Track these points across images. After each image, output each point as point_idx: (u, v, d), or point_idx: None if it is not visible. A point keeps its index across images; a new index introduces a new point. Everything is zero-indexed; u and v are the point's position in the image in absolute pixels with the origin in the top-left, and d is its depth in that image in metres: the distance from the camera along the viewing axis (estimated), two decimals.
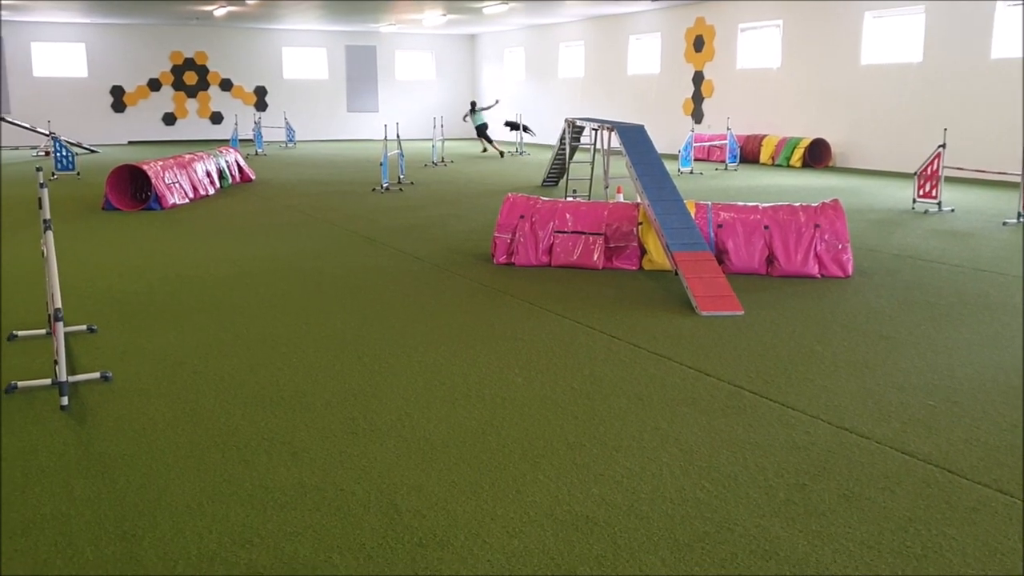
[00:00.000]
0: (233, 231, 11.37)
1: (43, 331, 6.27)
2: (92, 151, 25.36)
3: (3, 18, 27.78)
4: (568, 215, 8.87)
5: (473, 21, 30.05)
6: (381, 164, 16.43)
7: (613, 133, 11.06)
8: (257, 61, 32.98)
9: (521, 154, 25.60)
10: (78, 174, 18.44)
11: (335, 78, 34.38)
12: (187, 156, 15.51)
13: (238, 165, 17.42)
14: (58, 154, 18.32)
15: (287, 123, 29.92)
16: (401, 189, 16.21)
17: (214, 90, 32.43)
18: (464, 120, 26.98)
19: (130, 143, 30.44)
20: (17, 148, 26.76)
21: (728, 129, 20.55)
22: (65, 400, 4.84)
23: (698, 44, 24.66)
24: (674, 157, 19.34)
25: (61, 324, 4.88)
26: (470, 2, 24.42)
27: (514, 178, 18.46)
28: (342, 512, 3.65)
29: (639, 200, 8.96)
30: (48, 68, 29.97)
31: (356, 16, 28.82)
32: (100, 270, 8.77)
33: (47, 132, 22.14)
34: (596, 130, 13.22)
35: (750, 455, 4.24)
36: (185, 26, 31.01)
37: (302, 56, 33.84)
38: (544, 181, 16.69)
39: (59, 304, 4.89)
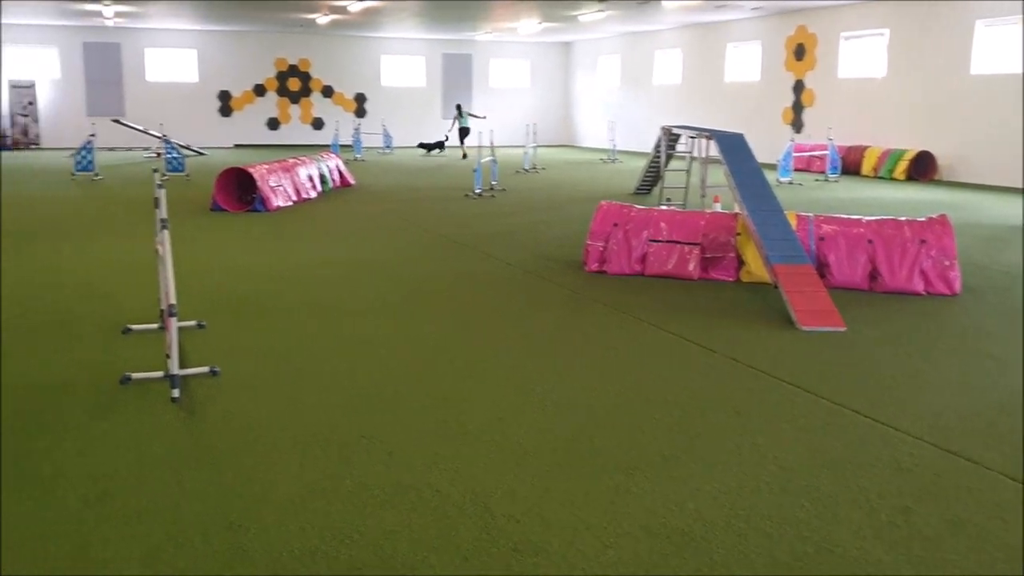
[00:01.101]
0: (333, 234, 11.65)
1: (155, 325, 6.54)
2: (200, 153, 26.32)
3: (121, 25, 29.08)
4: (663, 224, 8.80)
5: (568, 29, 30.10)
6: (475, 170, 16.61)
7: (711, 141, 10.93)
8: (357, 68, 33.71)
9: (613, 161, 25.51)
10: (187, 176, 19.17)
11: (431, 85, 34.88)
12: (291, 160, 15.97)
13: (339, 170, 17.84)
14: (169, 156, 19.07)
15: (384, 130, 30.48)
16: (493, 195, 16.34)
17: (316, 96, 33.28)
18: (453, 122, 28.24)
19: (235, 146, 31.48)
20: (131, 149, 27.96)
21: (829, 139, 20.06)
22: (176, 392, 5.04)
23: (799, 53, 24.16)
24: (772, 167, 18.98)
25: (175, 320, 5.09)
26: (566, 10, 24.47)
27: (606, 185, 18.41)
28: (438, 513, 3.70)
29: (737, 210, 8.84)
30: (161, 73, 31.25)
31: (454, 25, 29.20)
32: (208, 268, 9.10)
33: (159, 135, 23.08)
34: (693, 138, 13.08)
35: (851, 476, 4.13)
36: (290, 33, 31.92)
37: (400, 64, 34.44)
38: (637, 189, 16.60)
39: (173, 300, 5.10)
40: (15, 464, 4.14)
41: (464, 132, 27.84)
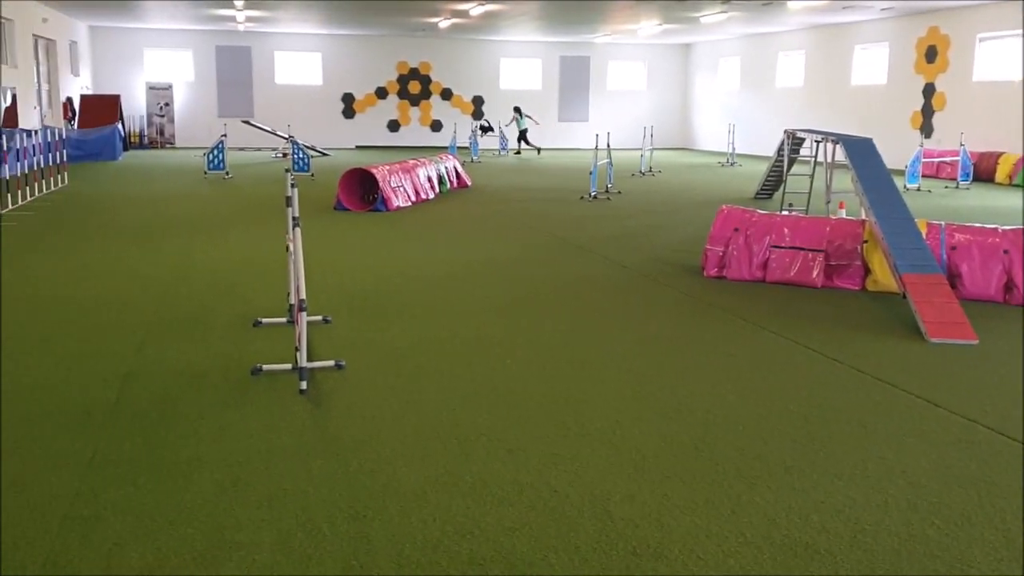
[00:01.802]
0: (450, 234, 11.85)
1: (283, 319, 6.81)
2: (324, 154, 27.18)
3: (251, 29, 30.31)
4: (786, 230, 8.60)
5: (689, 30, 29.73)
6: (590, 173, 16.59)
7: (838, 146, 10.61)
8: (476, 71, 34.16)
9: (732, 165, 25.06)
10: (312, 175, 19.82)
11: (548, 88, 35.03)
12: (411, 161, 16.32)
13: (456, 171, 18.12)
14: (295, 156, 19.77)
15: (501, 132, 30.77)
16: (609, 198, 16.29)
17: (435, 99, 33.90)
18: (511, 122, 30.25)
19: (357, 147, 32.36)
20: (259, 149, 29.10)
21: (961, 145, 19.17)
22: (304, 384, 5.23)
23: (930, 55, 23.18)
24: (899, 173, 18.27)
25: (304, 314, 5.28)
26: (688, 11, 24.18)
27: (724, 190, 18.10)
28: (557, 513, 3.73)
29: (864, 217, 8.55)
30: (288, 76, 32.41)
31: (573, 27, 29.25)
32: (332, 266, 9.39)
33: (286, 136, 23.94)
34: (819, 142, 12.72)
35: (985, 494, 3.95)
36: (412, 37, 32.60)
37: (518, 67, 34.70)
38: (757, 193, 16.25)
39: (303, 295, 5.29)
40: (154, 448, 4.38)
41: (523, 133, 29.76)
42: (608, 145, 18.28)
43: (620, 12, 25.19)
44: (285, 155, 25.32)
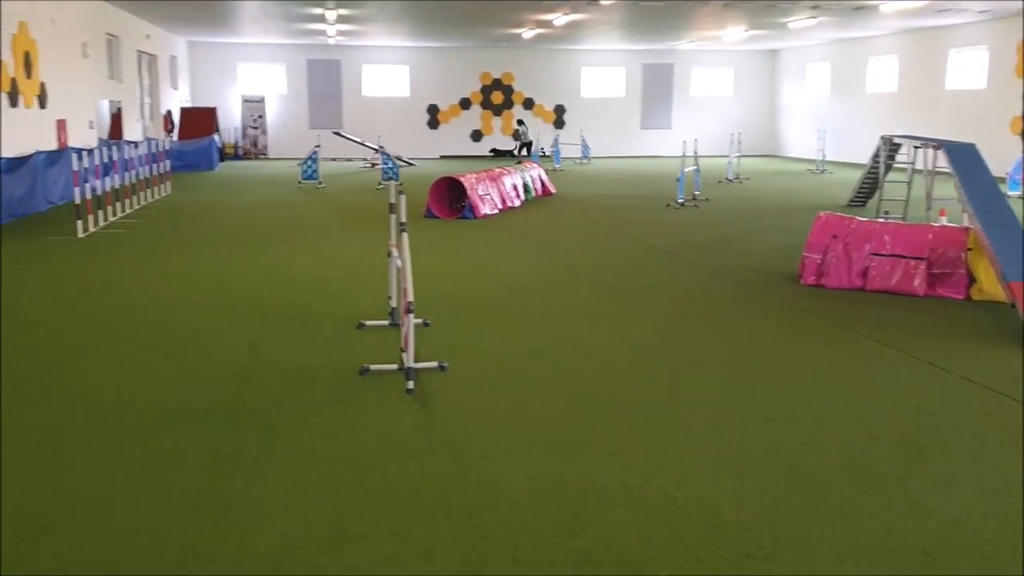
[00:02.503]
0: (538, 241, 11.95)
1: (385, 322, 6.99)
2: (410, 164, 27.63)
3: (341, 43, 31.02)
4: (887, 237, 8.44)
5: (776, 36, 29.30)
6: (677, 180, 16.51)
7: (939, 152, 10.36)
8: (558, 81, 34.28)
9: (822, 172, 24.58)
10: (400, 185, 20.14)
11: (631, 96, 34.94)
12: (497, 170, 16.50)
13: (540, 180, 18.24)
14: (384, 166, 20.16)
15: (583, 140, 30.81)
16: (696, 205, 16.18)
17: (518, 108, 34.13)
18: (516, 136, 31.41)
19: (441, 157, 32.78)
20: (350, 160, 29.72)
21: None
22: (411, 384, 5.38)
23: None
24: (1000, 180, 17.65)
25: (412, 316, 5.43)
26: (776, 16, 23.85)
27: (816, 196, 17.78)
28: (665, 515, 3.76)
29: (968, 224, 8.34)
30: (375, 88, 33.06)
31: (656, 35, 29.12)
32: (426, 271, 9.55)
33: (375, 147, 24.42)
34: (918, 148, 12.43)
35: None
36: (495, 48, 32.91)
37: (600, 75, 34.71)
38: (851, 201, 15.93)
39: (411, 298, 5.44)
40: (273, 442, 4.57)
41: (530, 145, 30.34)
42: (695, 152, 18.15)
43: (706, 19, 24.98)
44: (374, 165, 25.80)
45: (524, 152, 30.56)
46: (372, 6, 21.39)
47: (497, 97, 33.94)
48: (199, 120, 27.47)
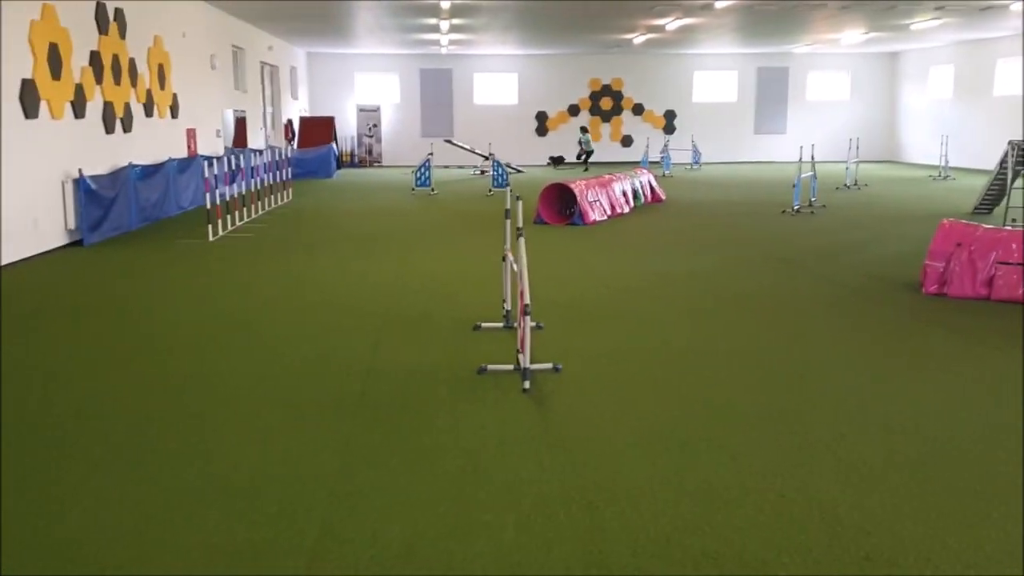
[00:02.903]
0: (649, 247, 11.96)
1: (499, 324, 7.17)
2: (519, 171, 27.93)
3: (453, 52, 31.62)
4: (1014, 245, 8.14)
5: (896, 38, 28.39)
6: (794, 186, 16.22)
7: None
8: (668, 86, 34.06)
9: (945, 178, 23.67)
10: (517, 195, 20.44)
11: (744, 100, 34.42)
12: (606, 176, 16.56)
13: (650, 186, 18.20)
14: (495, 173, 20.48)
15: (694, 145, 30.52)
16: (813, 212, 15.86)
17: (626, 114, 34.07)
18: (580, 142, 30.95)
19: (549, 164, 32.97)
20: (461, 167, 30.24)
21: None
22: (527, 384, 5.53)
23: None
24: None
25: (528, 319, 5.58)
26: (896, 18, 23.13)
27: (938, 203, 17.17)
28: (785, 517, 3.79)
29: None
30: (485, 96, 33.55)
31: (771, 38, 28.63)
32: (538, 276, 9.68)
33: (485, 154, 24.80)
34: None
35: None
36: (604, 54, 32.95)
37: (712, 79, 34.32)
38: (976, 208, 15.33)
39: (528, 300, 5.59)
40: (399, 435, 4.79)
41: (591, 153, 30.27)
42: (812, 157, 17.79)
43: (822, 21, 24.42)
44: (483, 172, 26.20)
45: (585, 160, 30.27)
46: (485, 15, 21.76)
47: (606, 103, 33.95)
48: (318, 129, 28.45)
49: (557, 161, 30.96)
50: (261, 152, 16.51)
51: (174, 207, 15.30)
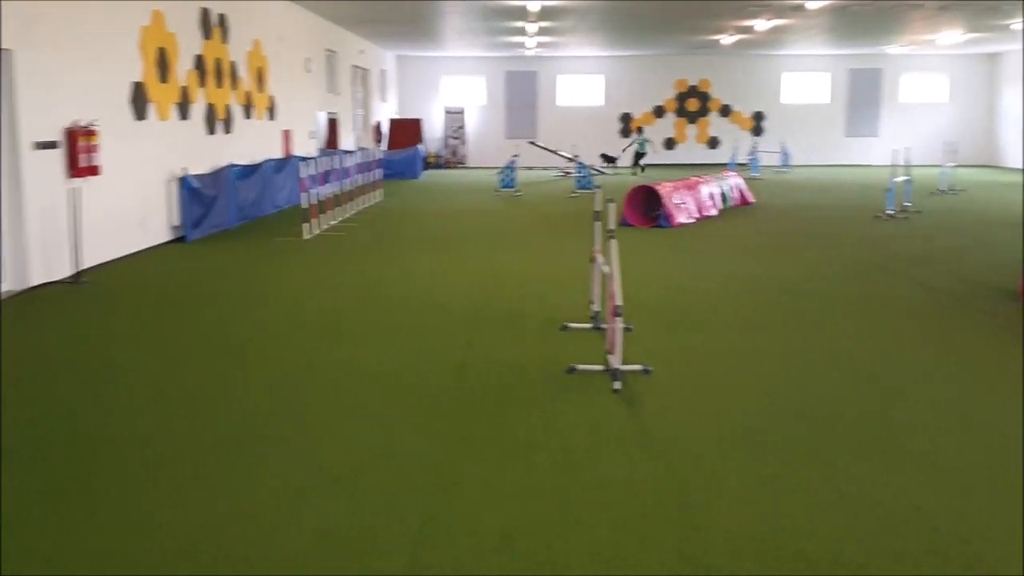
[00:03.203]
0: (736, 251, 11.86)
1: (587, 325, 7.25)
2: (602, 172, 27.92)
3: (539, 54, 31.78)
4: None
5: (997, 39, 27.44)
6: (887, 190, 15.87)
7: None
8: (756, 87, 33.60)
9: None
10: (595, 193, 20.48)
11: (835, 102, 33.72)
12: (693, 179, 16.46)
13: (738, 188, 18.01)
14: (579, 175, 20.54)
15: (783, 148, 30.03)
16: (907, 217, 15.48)
17: (713, 116, 33.73)
18: (632, 142, 29.58)
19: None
20: (546, 168, 30.39)
21: None
22: (618, 385, 5.59)
23: None
24: None
25: (620, 319, 5.64)
26: (997, 19, 22.36)
27: None
28: (882, 523, 3.77)
29: None
30: (569, 98, 33.62)
31: (864, 39, 28.00)
32: (625, 278, 9.71)
33: (569, 156, 24.87)
34: None
35: None
36: (690, 55, 32.69)
37: (802, 80, 33.71)
38: None
39: (620, 302, 5.66)
40: (495, 429, 4.91)
41: (643, 155, 28.78)
42: (906, 161, 17.37)
43: (919, 22, 23.77)
44: (567, 174, 26.24)
45: (636, 162, 28.97)
46: (573, 17, 21.84)
47: (692, 104, 33.67)
48: (406, 131, 28.98)
49: (609, 160, 30.05)
50: (353, 153, 16.91)
51: (270, 206, 15.80)
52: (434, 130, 33.06)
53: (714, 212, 16.13)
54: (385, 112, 30.06)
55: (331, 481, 4.22)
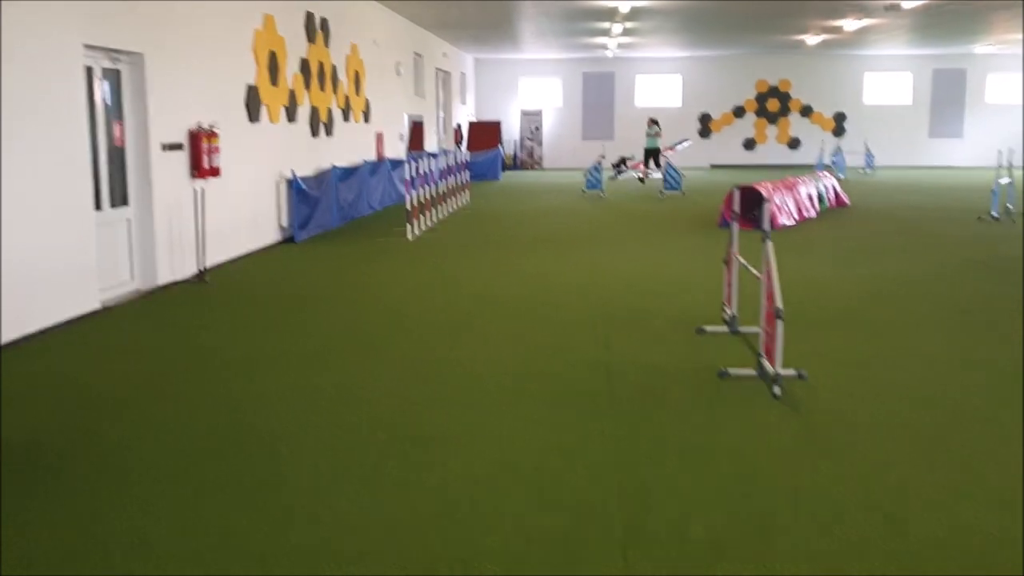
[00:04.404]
0: (848, 251, 11.60)
1: (723, 328, 7.15)
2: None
3: (617, 55, 31.62)
4: None
5: None
6: (992, 192, 15.41)
7: None
8: (838, 87, 32.96)
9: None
10: (683, 194, 20.32)
11: (918, 103, 32.91)
12: (791, 179, 16.19)
13: (834, 189, 17.67)
14: (668, 176, 20.37)
15: (867, 149, 29.42)
16: (1013, 220, 15.00)
17: (794, 116, 33.18)
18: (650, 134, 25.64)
19: (712, 167, 32.50)
20: (620, 171, 30.16)
21: None
22: (777, 390, 5.49)
23: None
24: None
25: (781, 323, 5.54)
26: None
27: None
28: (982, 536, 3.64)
29: None
30: (647, 98, 33.37)
31: (949, 39, 27.28)
32: (744, 280, 9.61)
33: (670, 148, 24.51)
34: None
35: None
36: (771, 55, 32.19)
37: (885, 81, 32.98)
38: None
39: (780, 304, 5.55)
40: (662, 434, 4.85)
41: (653, 152, 25.05)
42: (1009, 163, 16.83)
43: (1007, 21, 23.05)
44: (643, 179, 25.71)
45: (646, 161, 25.44)
46: (659, 17, 21.67)
47: (773, 105, 33.16)
48: (485, 133, 29.08)
49: (620, 164, 26.77)
50: (445, 155, 17.01)
51: (366, 207, 15.97)
52: (511, 131, 33.12)
53: (813, 214, 15.83)
54: (464, 114, 30.20)
55: (517, 481, 4.20)
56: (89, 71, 8.14)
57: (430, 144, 23.67)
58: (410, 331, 7.35)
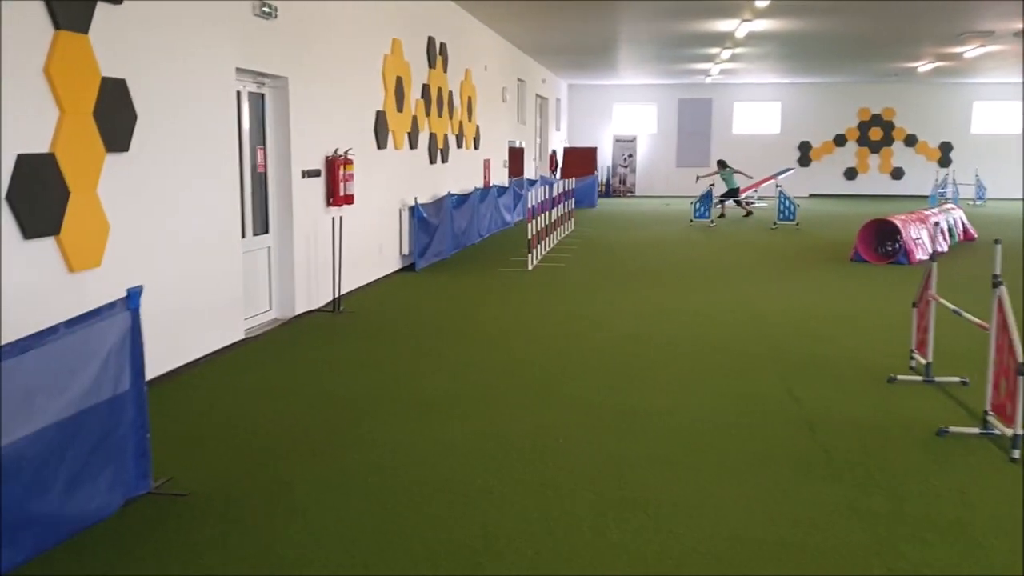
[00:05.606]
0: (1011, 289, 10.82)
1: (917, 377, 6.57)
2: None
3: (715, 81, 31.03)
4: None
5: None
6: None
7: None
8: (943, 116, 31.80)
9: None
10: (797, 224, 19.60)
11: None
12: (922, 212, 15.42)
13: (962, 222, 16.80)
14: (781, 206, 19.69)
15: (978, 179, 28.22)
16: None
17: (897, 145, 32.10)
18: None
19: (811, 196, 31.55)
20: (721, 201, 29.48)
21: None
22: (1016, 453, 4.91)
23: None
24: None
25: (1022, 379, 4.95)
26: None
27: None
28: None
29: None
30: (745, 125, 32.66)
31: None
32: (896, 320, 8.96)
33: (776, 178, 23.82)
34: None
35: None
36: (874, 83, 31.23)
37: (993, 110, 31.68)
38: None
39: (1021, 357, 4.97)
40: (899, 502, 4.32)
41: (734, 192, 22.08)
42: None
43: None
44: (749, 204, 25.06)
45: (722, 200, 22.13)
46: (771, 43, 21.06)
47: (875, 133, 32.14)
48: (581, 159, 28.76)
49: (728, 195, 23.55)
50: (557, 183, 16.67)
51: (475, 235, 15.70)
52: (604, 158, 32.72)
53: (944, 248, 15.01)
54: (558, 140, 29.92)
55: (764, 558, 3.73)
56: (238, 95, 7.98)
57: (528, 170, 23.40)
58: (574, 373, 6.91)
